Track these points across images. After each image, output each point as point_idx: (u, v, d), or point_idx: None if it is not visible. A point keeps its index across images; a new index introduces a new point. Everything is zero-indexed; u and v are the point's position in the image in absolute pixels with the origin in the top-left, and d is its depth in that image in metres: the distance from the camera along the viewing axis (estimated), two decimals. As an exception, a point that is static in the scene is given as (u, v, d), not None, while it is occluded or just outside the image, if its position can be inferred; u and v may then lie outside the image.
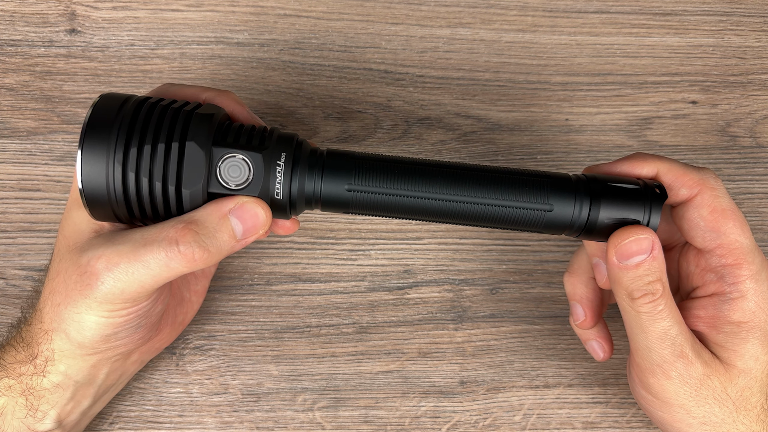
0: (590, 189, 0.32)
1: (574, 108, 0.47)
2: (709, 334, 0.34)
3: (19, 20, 0.45)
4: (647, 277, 0.32)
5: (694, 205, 0.34)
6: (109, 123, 0.30)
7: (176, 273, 0.31)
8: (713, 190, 0.33)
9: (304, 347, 0.43)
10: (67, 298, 0.32)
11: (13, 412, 0.34)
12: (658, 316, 0.32)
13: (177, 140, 0.30)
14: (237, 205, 0.30)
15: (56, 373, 0.34)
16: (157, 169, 0.30)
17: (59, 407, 0.35)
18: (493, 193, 0.32)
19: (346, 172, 0.32)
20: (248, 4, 0.46)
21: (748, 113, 0.47)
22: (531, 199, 0.32)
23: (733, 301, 0.33)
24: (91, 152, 0.29)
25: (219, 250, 0.31)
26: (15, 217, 0.43)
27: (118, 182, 0.30)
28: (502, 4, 0.47)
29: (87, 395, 0.36)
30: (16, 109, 0.44)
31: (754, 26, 0.48)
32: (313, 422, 0.42)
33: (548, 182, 0.32)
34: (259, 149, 0.31)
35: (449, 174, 0.32)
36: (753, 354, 0.33)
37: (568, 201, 0.32)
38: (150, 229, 0.31)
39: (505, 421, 0.43)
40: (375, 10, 0.47)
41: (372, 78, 0.46)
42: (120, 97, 0.31)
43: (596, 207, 0.32)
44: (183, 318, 0.40)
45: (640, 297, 0.32)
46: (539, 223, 0.32)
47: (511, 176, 0.32)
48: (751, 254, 0.33)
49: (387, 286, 0.44)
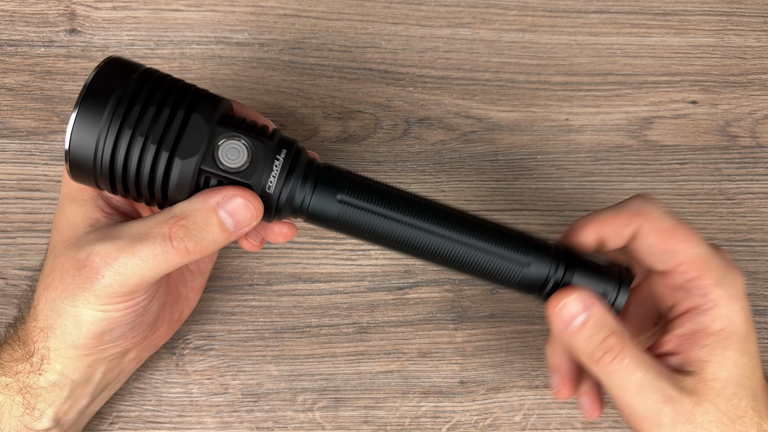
0: (566, 257, 0.34)
1: (574, 108, 0.47)
2: (691, 350, 0.34)
3: (19, 20, 0.45)
4: (598, 335, 0.32)
5: (641, 236, 0.34)
6: (114, 86, 0.29)
7: (175, 265, 0.31)
8: (651, 215, 0.34)
9: (304, 347, 0.43)
10: (63, 293, 0.32)
11: (10, 411, 0.34)
12: (626, 370, 0.32)
13: (183, 109, 0.29)
14: (225, 198, 0.30)
15: (52, 372, 0.34)
16: (155, 132, 0.29)
17: (56, 406, 0.35)
18: (478, 235, 0.32)
19: (339, 185, 0.32)
20: (248, 4, 0.46)
21: (748, 113, 0.47)
22: (512, 250, 0.33)
23: (708, 312, 0.33)
24: (88, 111, 0.29)
25: (213, 242, 0.31)
26: (15, 217, 0.43)
27: (110, 141, 0.29)
28: (502, 4, 0.47)
29: (84, 394, 0.36)
30: (16, 109, 0.44)
31: (754, 26, 0.48)
32: (313, 422, 0.42)
33: (530, 241, 0.33)
34: (262, 139, 0.31)
35: (439, 209, 0.33)
36: (733, 360, 0.33)
37: (545, 262, 0.33)
38: (144, 222, 0.31)
39: (505, 421, 0.43)
40: (375, 10, 0.47)
41: (372, 78, 0.46)
42: (128, 63, 0.31)
43: (570, 273, 0.33)
44: (180, 315, 0.40)
45: (601, 357, 0.32)
46: (514, 276, 0.33)
47: (497, 227, 0.33)
48: (710, 262, 0.33)
49: (387, 286, 0.44)
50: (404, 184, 0.45)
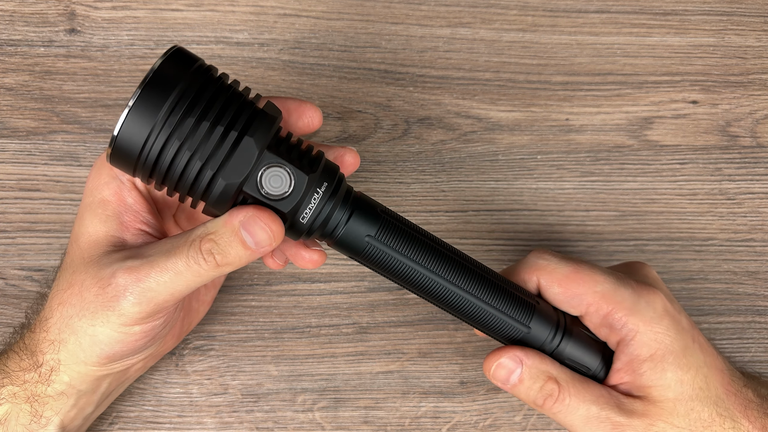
0: (566, 328, 0.35)
1: (574, 108, 0.47)
2: (634, 381, 0.34)
3: (19, 20, 0.45)
4: (536, 384, 0.34)
5: (545, 288, 0.36)
6: (176, 82, 0.29)
7: (206, 278, 0.31)
8: (546, 268, 0.35)
9: (303, 347, 0.43)
10: (82, 310, 0.32)
11: (17, 419, 0.34)
12: (570, 409, 0.34)
13: (236, 129, 0.29)
14: (246, 218, 0.30)
15: (60, 383, 0.34)
16: (203, 149, 0.29)
17: (63, 414, 0.35)
18: (490, 295, 0.34)
19: (371, 223, 0.32)
20: (248, 4, 0.46)
21: (749, 113, 0.47)
22: (517, 315, 0.34)
23: (633, 341, 0.34)
24: (146, 102, 0.28)
25: (239, 257, 0.31)
26: (14, 217, 0.43)
27: (158, 145, 0.28)
28: (502, 4, 0.47)
29: (90, 402, 0.36)
30: (16, 109, 0.44)
31: (754, 26, 0.48)
32: (313, 422, 0.42)
33: (536, 308, 0.35)
34: (306, 170, 0.30)
35: (458, 262, 0.33)
36: (676, 379, 0.34)
37: (545, 329, 0.35)
38: (175, 238, 0.32)
39: (505, 422, 0.43)
40: (375, 10, 0.47)
41: (372, 78, 0.46)
42: (193, 58, 0.30)
43: (565, 343, 0.35)
44: (188, 326, 0.40)
45: (544, 402, 0.34)
46: (513, 337, 0.35)
47: (510, 288, 0.35)
48: (616, 294, 0.34)
49: (387, 286, 0.44)
50: (404, 184, 0.45)
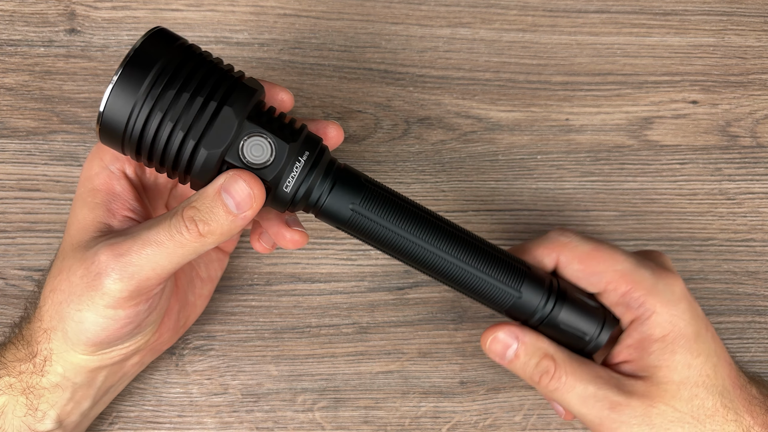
0: (558, 293, 0.35)
1: (574, 108, 0.47)
2: (641, 359, 0.35)
3: (19, 20, 0.45)
4: (532, 360, 0.34)
5: (564, 266, 0.36)
6: (156, 57, 0.30)
7: (189, 250, 0.31)
8: (568, 245, 0.36)
9: (304, 347, 0.43)
10: (70, 295, 0.32)
11: (13, 411, 0.34)
12: (566, 387, 0.34)
13: (216, 100, 0.30)
14: (226, 179, 0.30)
15: (54, 374, 0.34)
16: (185, 119, 0.29)
17: (59, 407, 0.35)
18: (478, 261, 0.34)
19: (355, 192, 0.33)
20: (248, 4, 0.46)
21: (749, 113, 0.47)
22: (507, 280, 0.34)
23: (648, 320, 0.34)
24: (128, 78, 0.29)
25: (220, 224, 0.31)
26: (14, 217, 0.43)
27: (142, 118, 0.29)
28: (502, 4, 0.47)
29: (87, 396, 0.36)
30: (16, 109, 0.44)
31: (754, 26, 0.48)
32: (313, 422, 0.42)
33: (527, 273, 0.35)
34: (287, 139, 0.31)
35: (445, 230, 0.34)
36: (684, 363, 0.34)
37: (537, 295, 0.35)
38: (157, 217, 0.32)
39: (505, 422, 0.43)
40: (375, 10, 0.47)
41: (372, 78, 0.46)
42: (174, 37, 0.31)
43: (558, 309, 0.35)
44: (185, 321, 0.40)
45: (540, 379, 0.34)
46: (505, 305, 0.35)
47: (498, 253, 0.35)
48: (636, 273, 0.35)
49: (387, 286, 0.44)
50: (404, 184, 0.45)
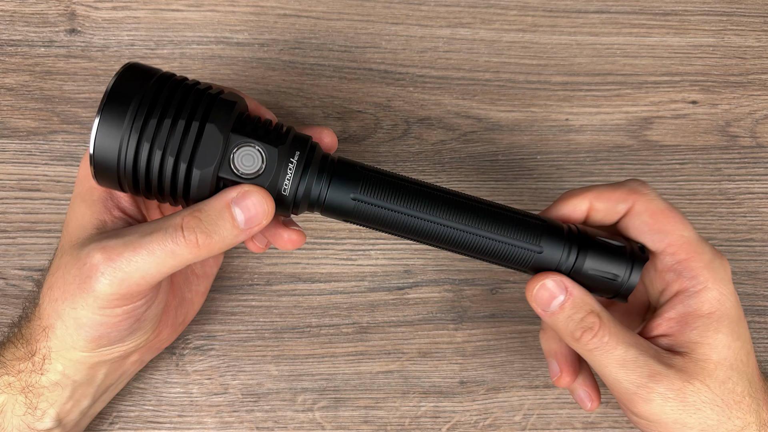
0: (579, 240, 0.34)
1: (574, 108, 0.47)
2: (682, 332, 0.34)
3: (19, 20, 0.45)
4: (577, 315, 0.33)
5: (634, 214, 0.35)
6: (133, 92, 0.30)
7: (181, 261, 0.31)
8: (646, 196, 0.35)
9: (304, 347, 0.43)
10: (65, 293, 0.32)
11: (12, 410, 0.34)
12: (608, 347, 0.33)
13: (198, 120, 0.30)
14: (239, 194, 0.31)
15: (54, 372, 0.34)
16: (172, 144, 0.30)
17: (58, 406, 0.35)
18: (490, 225, 0.33)
19: (353, 182, 0.32)
20: (248, 4, 0.46)
21: (748, 113, 0.47)
22: (524, 238, 0.33)
23: (698, 294, 0.33)
24: (109, 116, 0.30)
25: (222, 237, 0.31)
26: (15, 217, 0.43)
27: (131, 152, 0.30)
28: (502, 4, 0.47)
29: (86, 394, 0.36)
30: (16, 109, 0.44)
31: (754, 26, 0.48)
32: (313, 422, 0.42)
33: (542, 226, 0.34)
34: (275, 143, 0.31)
35: (451, 201, 0.33)
36: (725, 343, 0.33)
37: (558, 247, 0.33)
38: (156, 221, 0.32)
39: (505, 421, 0.43)
40: (375, 10, 0.47)
41: (372, 78, 0.46)
42: (146, 69, 0.31)
43: (582, 257, 0.33)
44: (183, 318, 0.40)
45: (582, 336, 0.33)
46: (527, 263, 0.34)
47: (509, 213, 0.34)
48: (699, 245, 0.34)
49: (387, 286, 0.44)
50: (404, 184, 0.45)
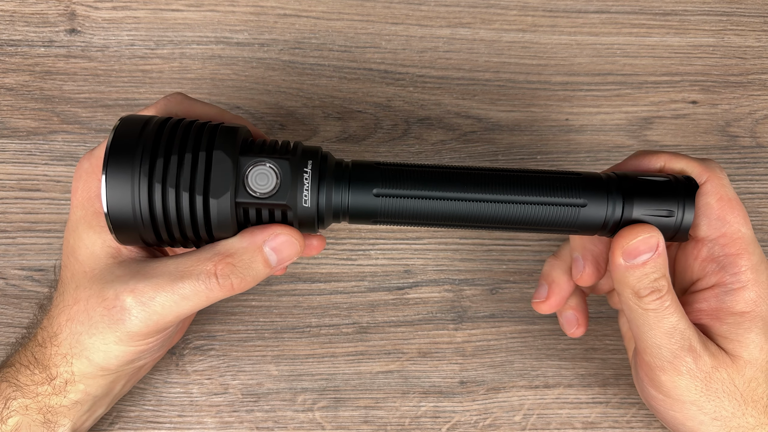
0: (621, 185, 0.32)
1: (574, 108, 0.47)
2: (712, 326, 0.34)
3: (19, 20, 0.45)
4: (653, 275, 0.32)
5: (702, 193, 0.34)
6: (133, 140, 0.30)
7: (215, 300, 0.31)
8: (720, 179, 0.34)
9: (304, 347, 0.43)
10: (91, 328, 0.32)
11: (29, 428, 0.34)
12: (665, 312, 0.32)
13: (204, 149, 0.30)
14: (271, 237, 0.31)
15: (76, 392, 0.34)
16: (184, 179, 0.29)
17: (75, 419, 0.35)
18: (525, 190, 0.31)
19: (373, 179, 0.31)
20: (248, 4, 0.46)
21: (748, 113, 0.47)
22: (564, 195, 0.31)
23: (735, 292, 0.33)
24: (115, 169, 0.29)
25: (255, 278, 0.32)
26: (15, 217, 0.43)
27: (144, 198, 0.29)
28: (502, 4, 0.47)
29: (102, 405, 0.37)
30: (16, 109, 0.44)
31: (754, 26, 0.48)
32: (313, 422, 0.42)
33: (579, 180, 0.32)
34: (285, 157, 0.31)
35: (477, 175, 0.31)
36: (757, 344, 0.33)
37: (601, 197, 0.32)
38: (183, 260, 0.31)
39: (505, 421, 0.43)
40: (375, 10, 0.47)
41: (372, 78, 0.46)
42: (141, 117, 0.31)
43: (630, 202, 0.32)
44: (188, 321, 0.41)
45: (648, 295, 0.32)
46: (573, 221, 0.32)
47: (540, 174, 0.32)
48: (752, 245, 0.34)
49: (387, 286, 0.44)
50: (404, 184, 0.45)
